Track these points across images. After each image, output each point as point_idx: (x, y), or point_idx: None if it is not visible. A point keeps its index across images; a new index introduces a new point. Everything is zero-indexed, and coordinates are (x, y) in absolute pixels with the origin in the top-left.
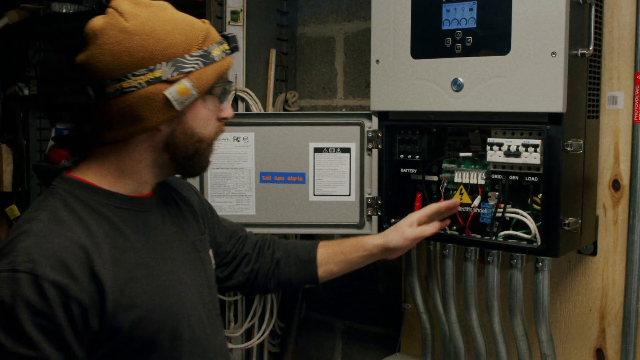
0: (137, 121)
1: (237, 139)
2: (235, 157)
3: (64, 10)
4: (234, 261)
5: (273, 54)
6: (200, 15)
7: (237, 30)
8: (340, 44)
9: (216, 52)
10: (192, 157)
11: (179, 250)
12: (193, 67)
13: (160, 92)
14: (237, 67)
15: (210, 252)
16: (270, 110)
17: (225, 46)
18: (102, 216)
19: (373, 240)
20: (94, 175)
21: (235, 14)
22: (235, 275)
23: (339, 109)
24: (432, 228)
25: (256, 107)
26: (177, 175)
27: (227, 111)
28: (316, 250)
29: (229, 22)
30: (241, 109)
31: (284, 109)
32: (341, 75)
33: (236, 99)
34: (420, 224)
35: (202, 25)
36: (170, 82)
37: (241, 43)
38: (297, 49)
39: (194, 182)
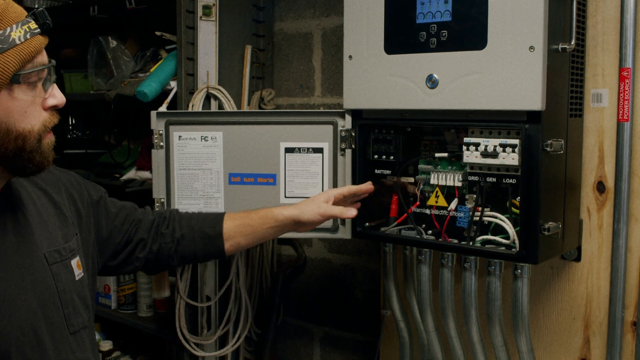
0: None
1: (204, 138)
2: (203, 158)
3: (36, 5)
4: (126, 248)
5: (248, 51)
6: (170, 10)
7: (210, 26)
8: (317, 39)
9: (17, 33)
10: (17, 156)
11: (17, 264)
12: None
13: None
14: (209, 64)
15: (76, 260)
16: (245, 108)
17: (32, 25)
18: None
19: (285, 211)
20: None
21: (207, 8)
22: (130, 261)
23: (317, 107)
24: (350, 212)
25: (229, 106)
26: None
27: (55, 98)
28: (222, 224)
29: (200, 17)
30: (214, 107)
31: (260, 108)
32: (319, 72)
33: (208, 98)
34: (335, 202)
35: None
36: None
37: (213, 39)
38: (274, 45)
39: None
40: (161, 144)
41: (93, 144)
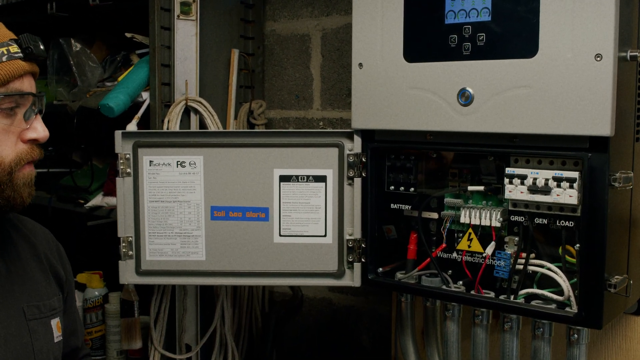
0: None
1: (181, 164)
2: (180, 188)
3: None
4: None
5: (235, 55)
6: (141, 7)
7: (189, 26)
8: (316, 42)
9: None
10: None
11: None
12: None
13: None
14: (188, 71)
15: (56, 321)
16: (232, 123)
17: (13, 48)
18: None
19: None
20: None
21: (186, 5)
22: None
23: (316, 122)
24: None
25: (212, 121)
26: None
27: (36, 131)
28: None
29: (178, 16)
30: (194, 123)
31: (249, 122)
32: (318, 81)
33: (187, 111)
34: None
35: None
36: None
37: (193, 42)
38: (265, 49)
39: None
40: (128, 170)
41: (56, 162)
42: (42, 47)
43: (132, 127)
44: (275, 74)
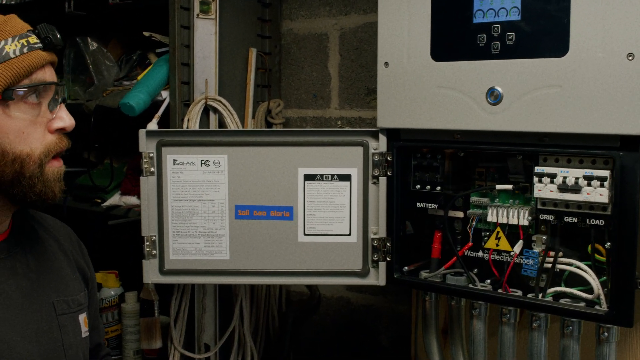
0: None
1: (205, 162)
2: (204, 187)
3: (4, 2)
4: None
5: (253, 54)
6: (160, 6)
7: (209, 25)
8: (334, 42)
9: (12, 47)
10: (15, 183)
11: (23, 311)
12: None
13: None
14: (208, 70)
15: (83, 316)
16: (249, 122)
17: (32, 39)
18: None
19: None
20: None
21: (205, 4)
22: None
23: (334, 121)
24: None
25: (231, 120)
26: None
27: (62, 120)
28: None
29: (197, 15)
30: (213, 122)
31: (266, 121)
32: (336, 80)
33: (206, 110)
34: None
35: None
36: None
37: (213, 41)
38: (282, 48)
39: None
40: (152, 169)
41: (71, 162)
42: (59, 36)
43: (152, 126)
44: (292, 73)
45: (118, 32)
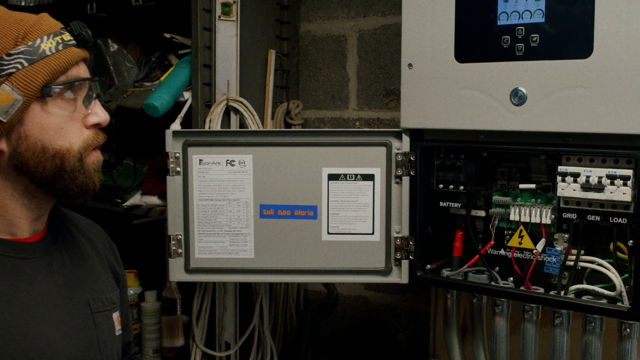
0: None
1: (230, 162)
2: (229, 186)
3: (23, 4)
4: None
5: (272, 56)
6: (181, 8)
7: (230, 27)
8: (352, 43)
9: (47, 44)
10: (57, 177)
11: (60, 308)
12: (15, 68)
13: None
14: (229, 71)
15: (117, 315)
16: (269, 123)
17: (66, 36)
18: None
19: None
20: None
21: (227, 6)
22: None
23: (352, 122)
24: None
25: (252, 121)
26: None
27: (97, 115)
28: None
29: (219, 17)
30: (234, 123)
31: (285, 122)
32: (354, 81)
33: (227, 111)
34: None
35: (26, 18)
36: None
37: (234, 43)
38: (301, 49)
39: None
40: (178, 169)
41: None
42: (90, 32)
43: (175, 126)
44: (310, 75)
45: (137, 33)
